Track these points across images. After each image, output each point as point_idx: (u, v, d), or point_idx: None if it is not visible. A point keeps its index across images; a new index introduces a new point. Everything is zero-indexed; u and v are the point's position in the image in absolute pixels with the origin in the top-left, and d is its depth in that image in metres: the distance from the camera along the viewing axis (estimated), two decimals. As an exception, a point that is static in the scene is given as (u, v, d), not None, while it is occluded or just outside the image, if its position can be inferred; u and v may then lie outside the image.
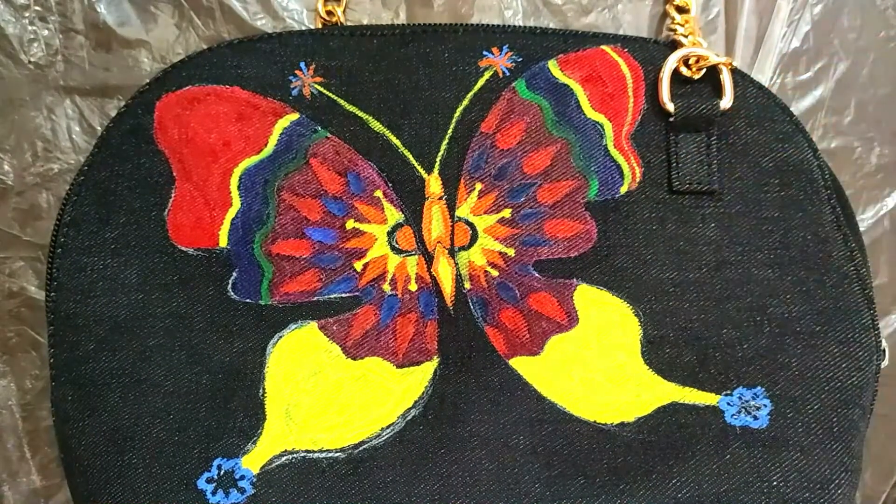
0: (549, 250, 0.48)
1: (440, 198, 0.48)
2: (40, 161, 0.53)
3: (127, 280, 0.47)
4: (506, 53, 0.49)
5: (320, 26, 0.53)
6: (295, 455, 0.45)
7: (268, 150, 0.48)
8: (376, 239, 0.48)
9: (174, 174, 0.48)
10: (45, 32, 0.54)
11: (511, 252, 0.48)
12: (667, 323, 0.47)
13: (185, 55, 0.52)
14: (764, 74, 0.54)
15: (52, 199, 0.53)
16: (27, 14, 0.54)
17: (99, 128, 0.53)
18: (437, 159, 0.48)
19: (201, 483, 0.44)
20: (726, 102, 0.49)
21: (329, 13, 0.53)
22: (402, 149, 0.48)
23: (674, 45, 0.50)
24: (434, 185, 0.48)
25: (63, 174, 0.53)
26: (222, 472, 0.44)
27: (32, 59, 0.54)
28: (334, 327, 0.47)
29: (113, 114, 0.53)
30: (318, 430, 0.45)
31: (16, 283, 0.53)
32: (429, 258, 0.48)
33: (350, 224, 0.48)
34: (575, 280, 0.47)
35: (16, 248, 0.53)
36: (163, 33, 0.54)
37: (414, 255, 0.48)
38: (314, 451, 0.45)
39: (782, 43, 0.54)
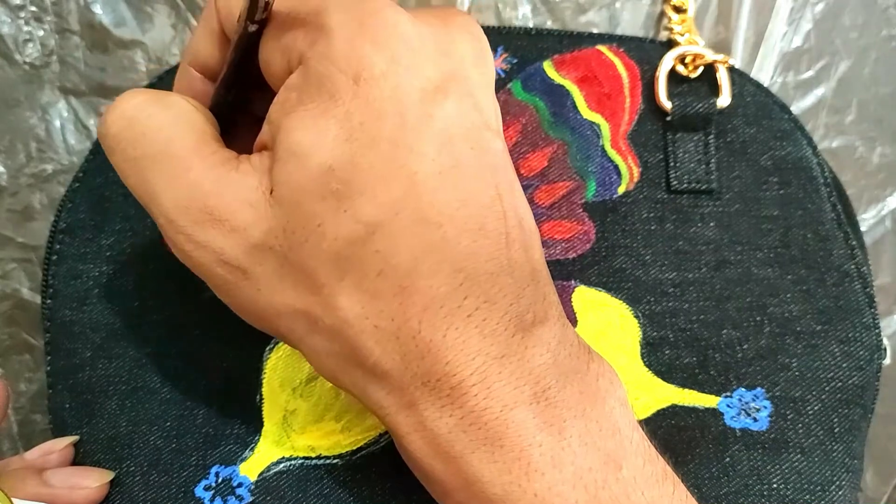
0: (547, 252, 0.47)
1: (438, 200, 0.48)
2: (34, 162, 0.53)
3: (123, 287, 0.47)
4: (501, 55, 0.49)
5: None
6: (293, 462, 0.44)
7: (263, 153, 0.48)
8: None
9: (169, 180, 0.47)
10: (41, 33, 0.54)
11: (509, 254, 0.47)
12: (666, 324, 0.47)
13: (180, 58, 0.52)
14: (765, 73, 0.54)
15: (45, 200, 0.53)
16: (22, 14, 0.53)
17: (94, 129, 0.53)
18: (434, 162, 0.48)
19: (199, 491, 0.44)
20: (724, 101, 0.48)
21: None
22: None
23: (670, 44, 0.50)
24: (431, 187, 0.48)
25: (57, 175, 0.53)
26: (220, 480, 0.44)
27: (27, 60, 0.53)
28: (331, 332, 0.46)
29: (108, 115, 0.53)
30: (316, 437, 0.45)
31: (8, 286, 0.53)
32: (426, 261, 0.47)
33: None
34: (573, 281, 0.47)
35: (9, 249, 0.53)
36: (159, 34, 0.54)
37: (411, 257, 0.47)
38: (312, 458, 0.44)
39: (783, 42, 0.54)
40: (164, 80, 0.49)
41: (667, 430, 0.45)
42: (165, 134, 0.34)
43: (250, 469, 0.44)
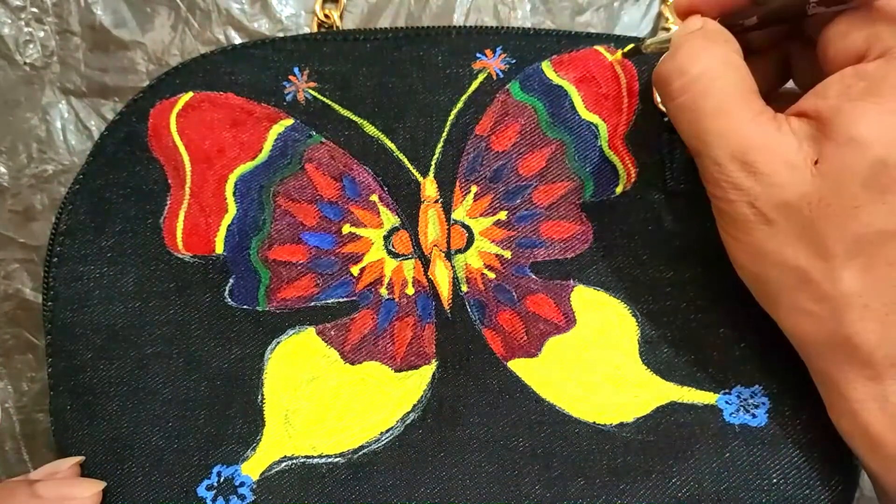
0: (546, 252, 0.48)
1: (436, 201, 0.48)
2: (35, 162, 0.53)
3: (124, 288, 0.47)
4: (499, 55, 0.49)
5: (317, 28, 0.53)
6: (294, 461, 0.45)
7: (263, 155, 0.48)
8: (372, 243, 0.48)
9: (169, 181, 0.48)
10: (41, 34, 0.54)
11: (507, 254, 0.48)
12: (664, 322, 0.47)
13: (181, 58, 0.52)
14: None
15: (46, 200, 0.53)
16: (23, 15, 0.54)
17: (94, 129, 0.53)
18: (433, 162, 0.48)
19: (201, 490, 0.44)
20: (720, 100, 0.48)
21: (326, 16, 0.53)
22: (396, 152, 0.48)
23: (668, 44, 0.50)
24: (430, 188, 0.48)
25: (58, 175, 0.53)
26: (222, 480, 0.44)
27: (28, 61, 0.54)
28: (332, 332, 0.47)
29: (108, 115, 0.53)
30: (318, 436, 0.45)
31: (11, 286, 0.53)
32: (425, 262, 0.48)
33: (346, 229, 0.48)
34: (572, 281, 0.47)
35: (11, 249, 0.53)
36: (159, 35, 0.54)
37: (410, 258, 0.48)
38: (313, 457, 0.45)
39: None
40: (164, 82, 0.49)
41: (666, 426, 0.45)
42: (724, 92, 0.39)
43: (252, 468, 0.44)
